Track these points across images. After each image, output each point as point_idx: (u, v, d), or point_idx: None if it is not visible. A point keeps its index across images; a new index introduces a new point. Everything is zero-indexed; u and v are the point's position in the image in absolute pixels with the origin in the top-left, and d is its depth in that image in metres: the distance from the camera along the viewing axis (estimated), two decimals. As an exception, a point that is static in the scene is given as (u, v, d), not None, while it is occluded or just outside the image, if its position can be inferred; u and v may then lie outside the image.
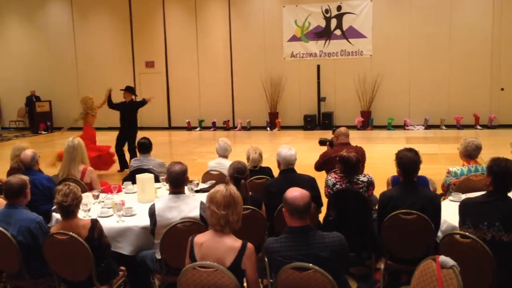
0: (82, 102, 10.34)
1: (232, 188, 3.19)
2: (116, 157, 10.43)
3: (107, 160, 10.20)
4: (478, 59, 15.58)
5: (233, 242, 3.08)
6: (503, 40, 15.38)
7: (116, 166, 10.49)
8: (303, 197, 3.08)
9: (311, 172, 5.38)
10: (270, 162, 5.89)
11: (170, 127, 18.57)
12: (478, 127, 15.55)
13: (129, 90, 10.74)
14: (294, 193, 3.10)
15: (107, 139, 11.48)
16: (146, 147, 6.35)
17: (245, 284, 3.11)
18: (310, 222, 3.17)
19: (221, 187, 3.19)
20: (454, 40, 15.71)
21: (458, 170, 5.08)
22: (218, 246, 3.07)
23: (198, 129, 17.90)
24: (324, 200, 4.84)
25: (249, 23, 17.43)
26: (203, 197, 4.56)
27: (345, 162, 4.65)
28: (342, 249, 3.08)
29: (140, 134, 8.63)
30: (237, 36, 17.55)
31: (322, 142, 6.61)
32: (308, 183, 4.62)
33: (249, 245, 3.08)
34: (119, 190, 5.31)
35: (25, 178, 4.22)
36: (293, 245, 3.04)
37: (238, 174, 4.34)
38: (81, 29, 18.94)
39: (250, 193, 4.42)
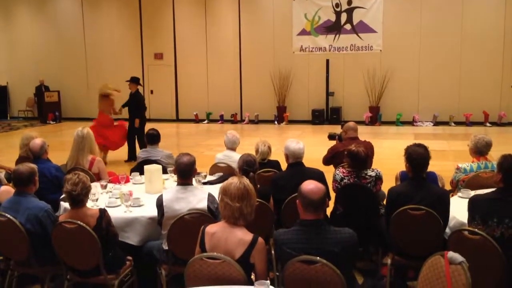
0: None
1: (246, 180, 3.17)
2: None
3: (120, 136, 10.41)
4: (489, 56, 15.43)
5: (244, 235, 3.06)
6: (515, 37, 15.24)
7: (123, 155, 10.61)
8: (319, 190, 3.06)
9: (319, 166, 5.36)
10: (277, 155, 5.88)
11: (177, 119, 18.58)
12: (488, 124, 15.43)
13: (134, 80, 10.82)
14: (310, 186, 3.08)
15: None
16: (154, 138, 6.36)
17: (252, 277, 3.10)
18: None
19: (234, 180, 3.17)
20: (465, 37, 15.58)
21: (468, 166, 5.05)
22: (228, 238, 3.06)
23: (205, 121, 17.90)
24: (332, 195, 4.82)
25: (258, 16, 17.37)
26: (211, 189, 4.58)
27: (353, 156, 4.63)
28: (354, 246, 3.06)
29: (147, 126, 8.66)
30: (246, 29, 17.50)
31: (331, 137, 6.57)
32: (316, 176, 4.57)
33: (260, 239, 3.06)
34: (127, 181, 5.33)
35: (34, 166, 4.24)
36: (304, 238, 3.03)
37: (247, 166, 4.34)
38: (91, 19, 18.96)
39: (258, 186, 4.41)
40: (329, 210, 5.00)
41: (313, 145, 10.89)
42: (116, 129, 10.56)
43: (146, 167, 5.03)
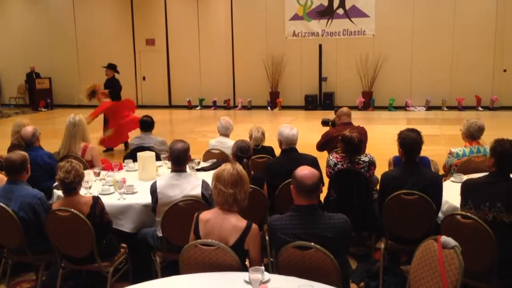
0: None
1: (239, 167, 3.17)
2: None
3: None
4: (481, 40, 15.44)
5: (238, 222, 3.06)
6: (507, 21, 15.21)
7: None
8: (313, 176, 3.06)
9: (312, 152, 5.37)
10: (270, 141, 5.88)
11: (170, 106, 18.51)
12: (480, 108, 15.50)
13: (110, 67, 10.87)
14: (304, 171, 3.08)
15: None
16: (148, 125, 6.33)
17: (247, 263, 3.11)
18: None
19: (227, 166, 3.17)
20: (457, 21, 15.56)
21: (460, 151, 5.07)
22: (222, 224, 3.06)
23: (198, 108, 17.84)
24: (326, 180, 4.83)
25: (251, 1, 17.24)
26: (204, 175, 4.58)
27: (347, 141, 4.63)
28: (347, 231, 3.07)
29: (140, 112, 8.60)
30: (238, 14, 17.37)
31: (324, 123, 6.57)
32: (309, 162, 4.58)
33: (254, 225, 3.07)
34: (120, 168, 5.32)
35: (25, 153, 4.21)
36: (298, 223, 3.03)
37: (241, 153, 4.33)
38: (81, 5, 18.74)
39: (252, 172, 4.41)
40: (322, 196, 5.03)
41: (306, 130, 10.90)
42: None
43: (139, 154, 5.01)
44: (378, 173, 4.58)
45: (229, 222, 3.06)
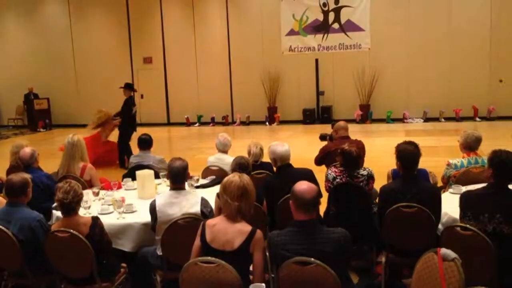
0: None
1: (246, 178, 3.27)
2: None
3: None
4: (477, 51, 15.55)
5: (243, 226, 3.18)
6: (502, 32, 15.33)
7: None
8: (312, 190, 3.10)
9: (311, 166, 5.37)
10: (269, 157, 5.87)
11: (169, 123, 18.55)
12: (477, 119, 15.55)
13: (127, 86, 10.81)
14: (303, 186, 3.12)
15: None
16: (147, 143, 6.32)
17: (251, 277, 3.13)
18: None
19: (235, 177, 3.26)
20: (453, 32, 15.68)
21: (458, 162, 5.08)
22: (228, 228, 3.17)
23: (197, 124, 17.88)
24: (324, 194, 4.82)
25: (247, 17, 17.39)
26: (203, 192, 4.58)
27: (346, 155, 4.64)
28: (347, 245, 3.08)
29: (139, 131, 8.64)
30: (235, 30, 17.51)
31: (322, 137, 6.61)
32: (305, 176, 4.58)
33: (259, 231, 3.17)
34: (119, 187, 5.31)
35: (27, 176, 4.21)
36: (298, 238, 3.04)
37: (240, 169, 4.34)
38: (78, 25, 18.88)
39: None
40: (322, 210, 5.02)
41: (305, 145, 10.93)
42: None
43: (138, 172, 5.02)
44: (377, 186, 4.58)
45: (234, 226, 3.17)
